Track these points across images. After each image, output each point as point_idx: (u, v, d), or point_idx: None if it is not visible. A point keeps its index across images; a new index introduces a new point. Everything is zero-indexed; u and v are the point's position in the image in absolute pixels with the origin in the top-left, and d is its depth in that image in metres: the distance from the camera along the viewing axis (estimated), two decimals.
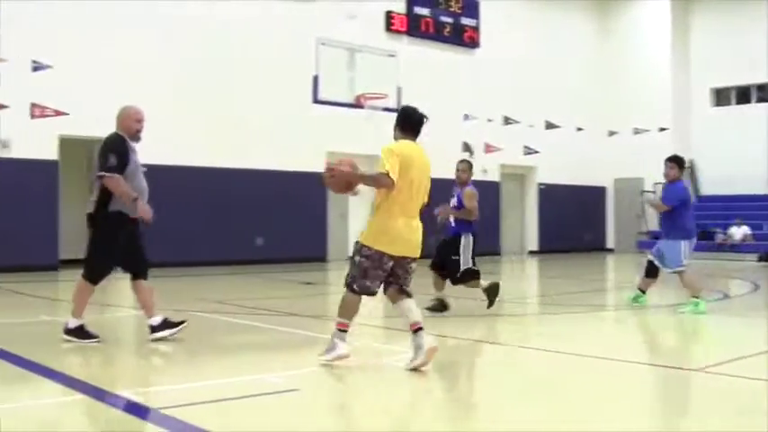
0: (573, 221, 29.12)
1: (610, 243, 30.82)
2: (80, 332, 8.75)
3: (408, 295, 7.56)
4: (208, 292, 14.45)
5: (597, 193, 30.51)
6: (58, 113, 18.64)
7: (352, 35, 20.27)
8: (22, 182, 17.60)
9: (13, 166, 17.44)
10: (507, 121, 27.51)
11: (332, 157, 22.98)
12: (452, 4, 25.95)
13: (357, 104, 20.14)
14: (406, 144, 7.84)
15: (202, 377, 7.16)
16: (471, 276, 11.25)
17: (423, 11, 25.25)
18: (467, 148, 26.23)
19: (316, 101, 18.98)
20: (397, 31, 24.62)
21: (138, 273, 8.91)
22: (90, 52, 18.97)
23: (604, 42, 30.87)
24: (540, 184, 28.74)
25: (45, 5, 18.47)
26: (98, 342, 8.69)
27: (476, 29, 26.51)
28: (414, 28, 24.99)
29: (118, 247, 8.73)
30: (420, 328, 7.33)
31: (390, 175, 7.27)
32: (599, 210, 30.56)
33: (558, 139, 28.86)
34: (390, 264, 7.38)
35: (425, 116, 8.37)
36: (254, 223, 21.50)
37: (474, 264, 11.23)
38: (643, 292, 12.32)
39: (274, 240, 21.72)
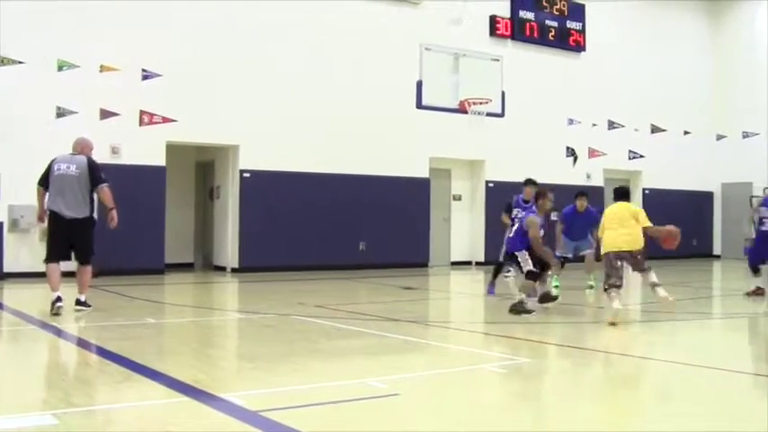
0: (679, 227, 28.36)
1: (717, 249, 30.03)
2: (86, 304, 11.66)
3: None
4: (308, 296, 14.54)
5: (704, 199, 29.77)
6: (165, 120, 19.02)
7: (456, 40, 20.19)
8: (131, 187, 17.94)
9: (123, 172, 17.81)
10: (612, 125, 27.10)
11: (435, 162, 23.05)
12: (558, 7, 25.67)
13: (461, 110, 20.06)
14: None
15: (303, 381, 7.21)
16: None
17: (527, 15, 25.02)
18: (571, 153, 25.98)
19: (419, 106, 18.95)
20: (502, 36, 24.43)
21: (87, 260, 11.71)
22: (196, 62, 19.31)
23: (713, 44, 30.13)
24: (645, 188, 28.25)
25: (154, 17, 18.88)
26: (91, 309, 11.54)
27: (581, 32, 26.16)
28: (518, 32, 24.76)
29: None
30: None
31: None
32: (706, 215, 29.77)
33: (664, 143, 28.29)
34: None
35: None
36: (356, 228, 21.59)
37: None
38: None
39: (377, 245, 21.77)
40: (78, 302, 11.59)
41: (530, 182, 14.97)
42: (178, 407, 6.20)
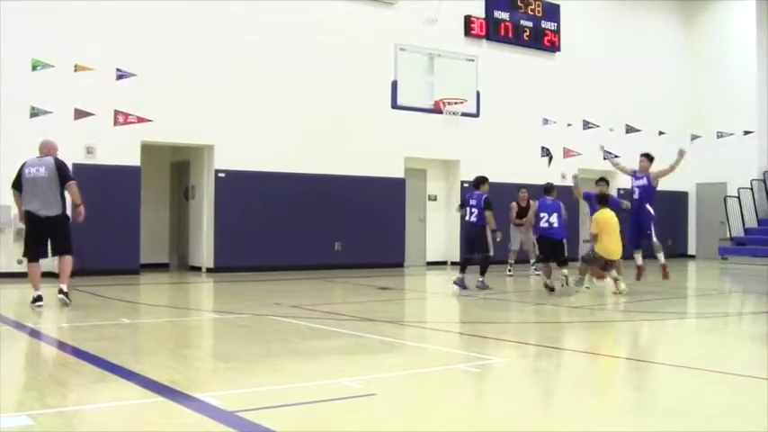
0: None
1: (691, 250, 30.20)
2: (68, 297, 12.19)
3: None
4: (284, 297, 14.52)
5: (679, 199, 29.94)
6: (140, 120, 18.95)
7: (431, 40, 20.25)
8: (105, 187, 17.91)
9: (98, 172, 17.77)
10: (587, 125, 27.22)
11: (411, 163, 23.08)
12: (532, 7, 25.75)
13: (436, 110, 20.12)
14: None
15: (278, 381, 7.21)
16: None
17: (502, 15, 25.10)
18: (546, 153, 26.08)
19: (394, 106, 18.98)
20: (477, 36, 24.52)
21: (66, 251, 12.39)
22: (171, 62, 19.27)
23: (687, 45, 30.29)
24: (620, 188, 28.36)
25: (128, 16, 18.80)
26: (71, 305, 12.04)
27: (556, 32, 26.25)
28: (493, 32, 24.85)
29: None
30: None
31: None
32: (680, 215, 29.96)
33: (639, 143, 28.35)
34: None
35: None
36: (332, 228, 21.59)
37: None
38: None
39: (352, 246, 21.78)
40: (61, 291, 12.17)
41: (485, 179, 16.39)
42: (153, 407, 6.19)
